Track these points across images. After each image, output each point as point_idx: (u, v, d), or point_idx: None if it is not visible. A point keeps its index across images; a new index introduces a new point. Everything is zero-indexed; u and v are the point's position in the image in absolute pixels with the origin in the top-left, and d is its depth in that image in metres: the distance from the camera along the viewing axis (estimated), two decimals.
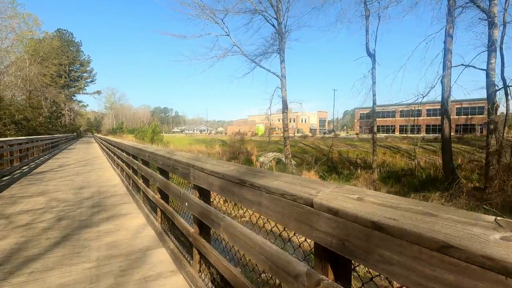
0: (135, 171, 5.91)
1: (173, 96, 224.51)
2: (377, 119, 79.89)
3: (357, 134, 50.84)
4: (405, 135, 47.21)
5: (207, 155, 20.62)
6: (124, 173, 7.43)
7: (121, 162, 8.03)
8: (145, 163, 4.80)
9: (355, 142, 25.36)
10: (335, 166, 14.73)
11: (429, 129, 68.95)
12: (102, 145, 18.65)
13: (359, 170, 13.88)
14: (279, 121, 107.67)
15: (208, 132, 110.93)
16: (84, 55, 63.19)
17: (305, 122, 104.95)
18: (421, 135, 57.25)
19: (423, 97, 11.19)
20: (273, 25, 15.10)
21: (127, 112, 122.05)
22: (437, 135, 52.35)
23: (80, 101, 67.33)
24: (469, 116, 63.66)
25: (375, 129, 15.18)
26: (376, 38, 13.83)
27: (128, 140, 34.72)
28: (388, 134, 61.02)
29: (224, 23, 15.27)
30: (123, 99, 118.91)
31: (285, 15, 14.71)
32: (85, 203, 5.46)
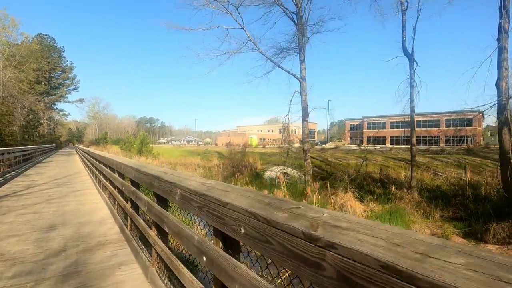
0: (135, 206, 3.74)
1: (159, 106, 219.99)
2: (367, 130, 79.35)
3: (358, 145, 49.26)
4: (408, 146, 46.00)
5: (207, 170, 18.36)
6: (116, 202, 5.19)
7: (110, 186, 5.78)
8: (162, 200, 2.68)
9: (363, 154, 23.76)
10: (359, 184, 12.82)
11: (419, 140, 69.18)
12: (84, 158, 16.07)
13: (393, 188, 12.02)
14: (268, 132, 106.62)
15: (196, 142, 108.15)
16: (67, 61, 59.80)
17: (295, 133, 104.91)
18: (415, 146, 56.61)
19: (488, 105, 9.47)
20: (292, 19, 13.31)
21: (111, 122, 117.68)
22: (433, 146, 51.81)
23: (61, 110, 63.41)
24: (458, 128, 64.20)
25: (414, 140, 13.41)
26: (414, 36, 12.25)
27: (113, 152, 31.76)
28: (382, 146, 60.44)
29: (238, 13, 13.23)
30: (107, 108, 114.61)
31: (307, 7, 13.00)
32: (52, 266, 3.20)
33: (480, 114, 64.01)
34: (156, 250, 2.69)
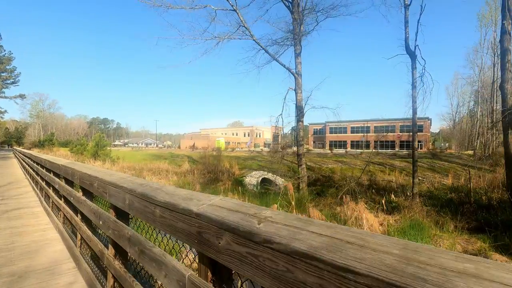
0: (124, 257, 2.05)
1: (115, 106, 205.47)
2: (329, 134, 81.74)
3: (330, 149, 49.41)
4: (378, 150, 47.48)
5: (182, 176, 16.05)
6: (79, 236, 3.31)
7: (68, 209, 3.86)
8: (222, 274, 1.08)
9: (342, 158, 23.40)
10: (355, 191, 11.83)
11: (377, 144, 72.66)
12: (24, 163, 13.06)
13: (393, 196, 11.26)
14: (233, 135, 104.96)
15: (156, 145, 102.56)
16: (4, 50, 52.01)
17: (260, 136, 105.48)
18: (371, 150, 58.99)
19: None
20: (288, 7, 11.87)
21: (59, 122, 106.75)
22: (394, 150, 54.35)
23: None
24: (410, 133, 68.75)
25: (416, 144, 12.87)
26: (417, 33, 11.65)
27: (62, 156, 27.70)
28: (344, 149, 62.23)
29: None
30: (54, 107, 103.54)
31: None
32: None
33: (428, 121, 69.49)
34: None
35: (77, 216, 3.36)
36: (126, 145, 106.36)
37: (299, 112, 11.56)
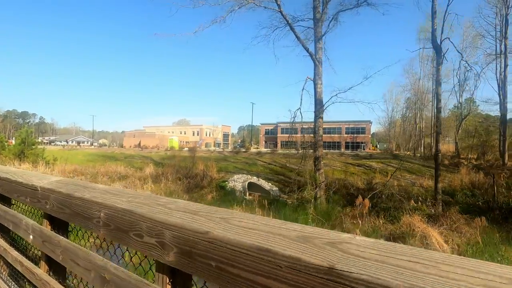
0: None
1: (38, 98, 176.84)
2: (280, 135, 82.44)
3: (297, 150, 48.24)
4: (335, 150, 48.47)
5: (153, 182, 12.82)
6: None
7: None
8: None
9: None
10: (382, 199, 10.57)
11: (325, 145, 74.68)
12: None
13: (413, 202, 10.36)
14: (181, 133, 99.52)
15: (91, 144, 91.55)
16: None
17: (210, 135, 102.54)
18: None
19: None
20: None
21: None
22: (341, 151, 56.61)
23: None
24: (355, 135, 74.02)
25: (439, 146, 12.09)
26: (443, 24, 10.86)
27: None
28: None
29: None
30: None
31: None
32: None
33: (370, 124, 74.93)
34: None
35: None
36: (53, 143, 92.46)
37: (319, 106, 9.85)
